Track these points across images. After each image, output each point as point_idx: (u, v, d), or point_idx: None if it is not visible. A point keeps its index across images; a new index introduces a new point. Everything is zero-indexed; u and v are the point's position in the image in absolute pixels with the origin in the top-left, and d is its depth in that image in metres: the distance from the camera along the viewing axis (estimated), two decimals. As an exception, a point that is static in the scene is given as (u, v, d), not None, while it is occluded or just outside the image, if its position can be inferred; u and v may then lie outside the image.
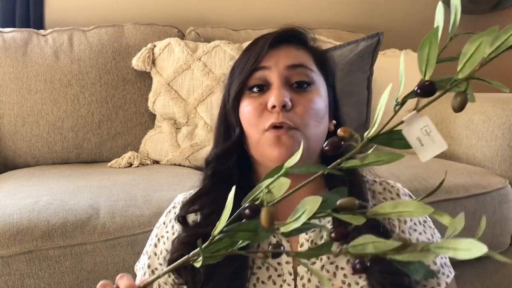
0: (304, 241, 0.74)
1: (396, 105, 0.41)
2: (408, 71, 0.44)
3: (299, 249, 0.74)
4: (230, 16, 1.97)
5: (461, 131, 1.50)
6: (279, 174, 0.43)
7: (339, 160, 0.42)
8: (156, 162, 1.56)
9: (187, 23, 1.83)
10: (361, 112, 1.51)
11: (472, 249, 0.34)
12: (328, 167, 0.43)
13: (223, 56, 1.55)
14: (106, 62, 1.60)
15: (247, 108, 0.74)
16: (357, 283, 0.72)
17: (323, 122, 0.75)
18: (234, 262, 0.70)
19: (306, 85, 0.74)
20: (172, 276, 0.75)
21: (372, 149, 0.42)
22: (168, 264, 0.74)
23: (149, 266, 0.78)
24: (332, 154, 0.43)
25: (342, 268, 0.73)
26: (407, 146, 0.41)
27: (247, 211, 0.43)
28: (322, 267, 0.73)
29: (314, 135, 0.73)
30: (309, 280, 0.72)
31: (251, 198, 0.44)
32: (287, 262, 0.73)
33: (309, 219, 0.41)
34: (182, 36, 1.73)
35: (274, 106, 0.70)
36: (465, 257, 0.35)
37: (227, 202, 0.44)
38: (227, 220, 0.44)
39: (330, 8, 2.09)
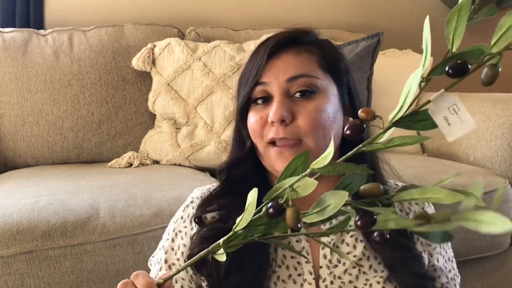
0: (326, 243, 0.74)
1: (421, 81, 0.39)
2: (408, 72, 0.43)
3: (321, 251, 0.74)
4: (230, 16, 1.97)
5: (461, 131, 1.49)
6: (304, 174, 0.41)
7: (361, 145, 0.41)
8: (156, 162, 1.56)
9: (187, 23, 1.83)
10: (361, 112, 1.51)
11: (496, 222, 0.33)
12: (350, 152, 0.41)
13: (223, 56, 1.55)
14: (106, 62, 1.60)
15: (251, 120, 0.74)
16: (378, 283, 0.72)
17: (333, 126, 0.72)
18: (256, 259, 0.70)
19: (309, 93, 0.72)
20: (190, 272, 0.75)
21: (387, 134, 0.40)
22: (188, 259, 0.74)
23: (166, 261, 0.77)
24: (355, 138, 0.41)
25: (364, 273, 0.73)
26: (433, 126, 0.39)
27: (271, 210, 0.42)
28: (345, 271, 0.72)
29: (323, 144, 0.71)
30: (331, 283, 0.72)
31: (273, 196, 0.43)
32: (307, 262, 0.73)
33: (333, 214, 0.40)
34: (182, 36, 1.73)
35: (273, 121, 0.70)
36: (488, 230, 0.33)
37: (248, 203, 0.43)
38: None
39: (330, 8, 2.09)
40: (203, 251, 0.46)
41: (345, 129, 0.42)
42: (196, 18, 1.92)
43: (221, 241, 0.45)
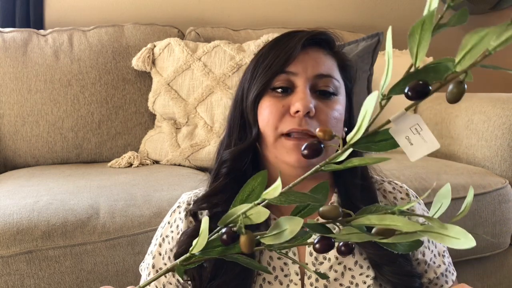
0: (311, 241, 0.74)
1: (382, 99, 0.37)
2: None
3: (307, 248, 0.73)
4: (230, 16, 1.97)
5: (461, 131, 1.50)
6: (256, 202, 0.39)
7: (318, 166, 0.39)
8: (156, 162, 1.56)
9: (187, 23, 1.83)
10: (361, 112, 1.51)
11: (461, 238, 0.33)
12: (307, 173, 0.39)
13: (223, 56, 1.55)
14: (106, 62, 1.60)
15: (268, 109, 0.72)
16: (365, 282, 0.71)
17: (339, 125, 0.74)
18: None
19: (329, 94, 0.73)
20: (177, 276, 0.75)
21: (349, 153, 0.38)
22: (175, 258, 0.74)
23: (153, 266, 0.77)
24: (311, 158, 0.39)
25: (350, 269, 0.73)
26: (394, 145, 0.38)
27: (224, 237, 0.40)
28: (330, 267, 0.73)
29: (333, 143, 0.72)
30: (317, 280, 0.72)
31: (228, 222, 0.41)
32: (293, 262, 0.73)
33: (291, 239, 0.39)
34: (182, 36, 1.73)
35: (297, 111, 0.69)
36: (452, 245, 0.33)
37: (201, 229, 0.41)
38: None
39: (330, 8, 2.09)
40: (163, 269, 0.45)
41: (302, 148, 0.40)
42: (196, 18, 1.92)
43: (178, 261, 0.44)
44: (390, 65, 0.36)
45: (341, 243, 0.40)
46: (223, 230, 0.41)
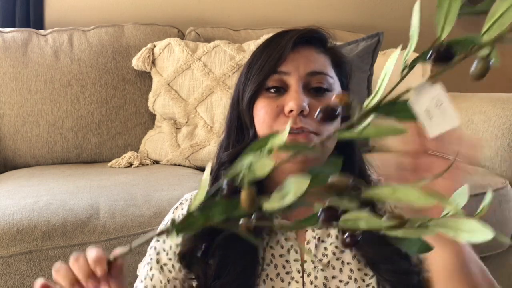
0: (311, 238, 0.74)
1: (403, 69, 0.36)
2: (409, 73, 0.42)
3: (306, 246, 0.74)
4: (230, 16, 1.97)
5: (461, 131, 1.49)
6: (263, 153, 0.38)
7: (334, 131, 0.38)
8: (156, 162, 1.56)
9: (187, 23, 1.83)
10: (361, 112, 1.51)
11: (476, 231, 0.31)
12: (319, 140, 0.39)
13: (223, 56, 1.55)
14: (106, 62, 1.60)
15: (263, 109, 0.72)
16: (363, 280, 0.71)
17: (337, 126, 0.73)
18: (245, 258, 0.70)
19: (323, 91, 0.73)
20: (183, 272, 0.75)
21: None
22: (179, 258, 0.74)
23: (158, 261, 0.77)
24: (324, 123, 0.39)
25: (348, 263, 0.72)
26: (412, 117, 0.35)
27: (224, 188, 0.39)
28: (328, 263, 0.73)
29: (331, 140, 0.72)
30: (316, 278, 0.72)
31: (230, 174, 0.40)
32: (295, 260, 0.73)
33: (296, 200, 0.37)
34: (182, 36, 1.73)
35: (291, 111, 0.69)
36: (467, 239, 0.31)
37: (203, 178, 0.40)
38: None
39: (330, 8, 2.09)
40: (160, 227, 0.44)
41: (316, 113, 0.39)
42: (196, 18, 1.92)
43: (173, 224, 0.43)
44: (415, 37, 0.35)
45: (346, 235, 0.38)
46: (224, 182, 0.39)
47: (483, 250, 1.31)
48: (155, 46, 1.62)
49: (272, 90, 0.73)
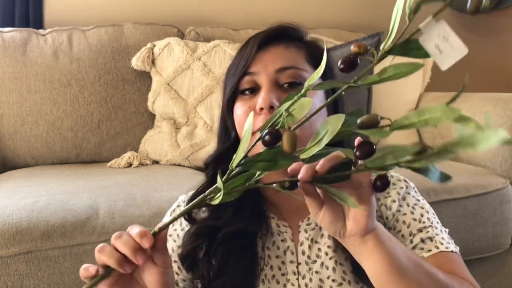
0: (304, 240, 0.74)
1: (409, 13, 0.39)
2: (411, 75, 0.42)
3: (299, 247, 0.74)
4: (230, 16, 1.97)
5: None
6: (300, 94, 0.40)
7: (356, 77, 0.40)
8: (156, 162, 1.56)
9: (187, 22, 1.83)
10: (361, 112, 1.51)
11: (491, 137, 0.32)
12: (347, 84, 0.40)
13: (223, 56, 1.55)
14: (105, 62, 1.60)
15: (238, 111, 0.75)
16: (357, 282, 0.71)
17: (320, 119, 0.73)
18: (245, 258, 0.71)
19: (297, 85, 0.73)
20: (190, 273, 0.75)
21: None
22: (180, 259, 0.74)
23: None
24: (349, 72, 0.40)
25: (341, 264, 0.72)
26: (425, 55, 0.39)
27: (267, 137, 0.40)
28: (322, 264, 0.72)
29: (310, 134, 0.71)
30: (310, 280, 0.72)
31: (270, 124, 0.41)
32: (291, 262, 0.73)
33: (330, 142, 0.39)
34: (182, 35, 1.73)
35: (261, 109, 0.70)
36: (486, 146, 0.32)
37: (244, 131, 0.41)
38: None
39: (330, 8, 2.09)
40: (200, 196, 0.45)
41: (338, 63, 0.41)
42: (196, 18, 1.92)
43: (219, 181, 0.43)
44: None
45: (377, 181, 0.40)
46: (265, 131, 0.40)
47: (484, 250, 1.31)
48: (154, 46, 1.61)
49: (247, 92, 0.75)
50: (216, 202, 0.44)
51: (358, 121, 0.40)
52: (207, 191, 0.46)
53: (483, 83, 1.91)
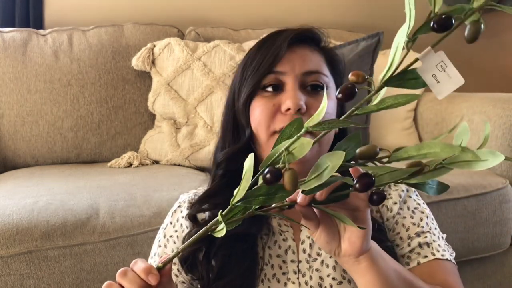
0: (305, 238, 0.75)
1: (408, 42, 0.40)
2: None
3: (300, 246, 0.74)
4: (230, 16, 1.97)
5: (461, 131, 1.49)
6: (299, 134, 0.41)
7: (354, 108, 0.41)
8: (156, 162, 1.56)
9: (187, 23, 1.83)
10: (361, 112, 1.51)
11: (488, 158, 0.33)
12: (343, 116, 0.41)
13: (223, 56, 1.55)
14: (105, 62, 1.60)
15: (259, 108, 0.73)
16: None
17: (331, 116, 0.75)
18: (245, 261, 0.71)
19: (320, 89, 0.74)
20: (190, 275, 0.75)
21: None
22: (180, 260, 0.74)
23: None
24: (347, 101, 0.41)
25: None
26: (423, 85, 0.39)
27: (268, 176, 0.41)
28: (322, 262, 0.73)
29: (327, 138, 0.74)
30: (310, 278, 0.72)
31: (270, 162, 0.42)
32: (292, 261, 0.73)
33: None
34: (182, 36, 1.73)
35: (288, 109, 0.70)
36: (482, 167, 0.33)
37: (245, 171, 0.42)
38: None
39: (330, 8, 2.09)
40: (203, 229, 0.46)
41: (336, 93, 0.42)
42: (196, 18, 1.92)
43: (219, 216, 0.45)
44: (413, 11, 0.40)
45: (374, 195, 0.41)
46: (266, 169, 0.41)
47: (483, 250, 1.31)
48: (154, 46, 1.61)
49: (269, 89, 0.74)
50: (219, 235, 0.46)
51: (357, 151, 0.41)
52: (209, 224, 0.47)
53: (483, 83, 1.91)
